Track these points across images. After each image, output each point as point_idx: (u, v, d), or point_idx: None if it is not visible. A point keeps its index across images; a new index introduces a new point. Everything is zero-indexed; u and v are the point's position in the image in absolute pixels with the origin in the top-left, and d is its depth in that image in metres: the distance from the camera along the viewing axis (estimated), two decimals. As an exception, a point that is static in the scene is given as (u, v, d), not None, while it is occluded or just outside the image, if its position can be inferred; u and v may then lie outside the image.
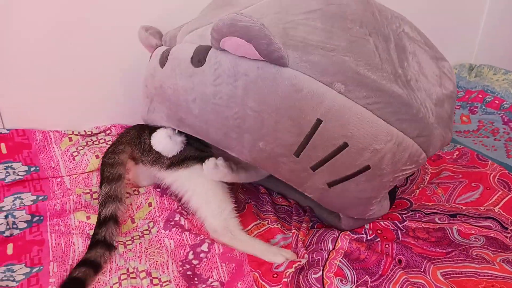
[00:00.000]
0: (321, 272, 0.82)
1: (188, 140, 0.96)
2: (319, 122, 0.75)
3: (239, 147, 0.82)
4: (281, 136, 0.77)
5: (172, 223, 0.96)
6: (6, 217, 0.92)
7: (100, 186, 0.95)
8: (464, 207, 1.01)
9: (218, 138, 0.83)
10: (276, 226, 0.98)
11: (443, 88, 0.90)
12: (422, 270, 0.82)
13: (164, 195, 1.04)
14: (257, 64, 0.74)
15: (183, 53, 0.85)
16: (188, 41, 0.88)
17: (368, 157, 0.78)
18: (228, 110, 0.79)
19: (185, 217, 0.98)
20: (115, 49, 1.18)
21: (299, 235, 0.92)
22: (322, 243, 0.92)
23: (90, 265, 0.82)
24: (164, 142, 0.93)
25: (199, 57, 0.81)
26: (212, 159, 0.92)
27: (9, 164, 1.09)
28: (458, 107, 1.54)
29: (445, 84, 0.91)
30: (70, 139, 1.18)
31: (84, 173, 1.12)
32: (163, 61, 0.89)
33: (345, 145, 0.77)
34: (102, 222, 0.89)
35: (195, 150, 0.96)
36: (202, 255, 0.88)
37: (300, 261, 0.83)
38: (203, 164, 0.93)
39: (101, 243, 0.86)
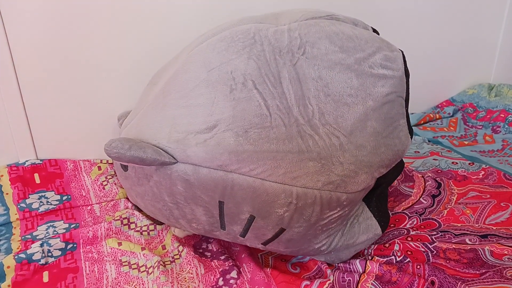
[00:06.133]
0: (353, 295, 0.82)
1: None
2: (221, 203, 0.77)
3: (182, 227, 0.89)
4: (202, 218, 0.82)
5: (200, 250, 0.98)
6: (41, 245, 0.94)
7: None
8: (494, 228, 1.00)
9: (165, 222, 0.92)
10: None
11: (370, 100, 0.77)
12: (456, 292, 0.81)
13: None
14: (154, 167, 0.79)
15: None
16: None
17: (276, 222, 0.78)
18: (158, 204, 0.85)
19: (211, 242, 1.00)
20: (145, 81, 1.23)
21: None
22: (350, 264, 0.91)
23: None
24: None
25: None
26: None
27: (43, 194, 1.12)
28: (481, 127, 1.53)
29: (372, 92, 0.77)
30: (99, 168, 1.22)
31: (113, 200, 1.15)
32: None
33: (252, 217, 0.78)
34: None
35: None
36: (232, 281, 0.89)
37: (329, 279, 0.84)
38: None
39: None
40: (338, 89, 0.76)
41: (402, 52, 0.83)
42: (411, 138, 0.86)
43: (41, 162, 1.18)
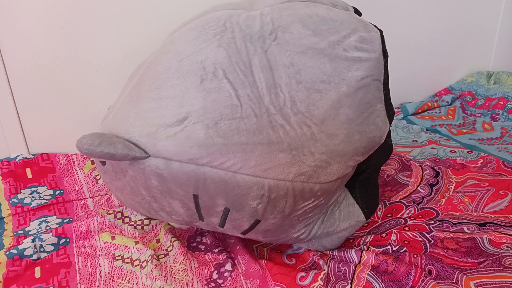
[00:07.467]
0: (349, 286, 0.81)
1: None
2: (196, 197, 0.75)
3: (164, 219, 0.88)
4: (180, 211, 0.80)
5: (194, 244, 0.97)
6: (33, 240, 0.93)
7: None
8: (493, 216, 0.98)
9: (146, 215, 0.91)
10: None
11: (343, 85, 0.73)
12: (454, 282, 0.79)
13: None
14: (128, 161, 0.77)
15: None
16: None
17: (250, 214, 0.76)
18: (136, 198, 0.83)
19: (206, 236, 0.99)
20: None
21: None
22: (345, 254, 0.90)
23: None
24: None
25: None
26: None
27: (35, 189, 1.11)
28: (479, 115, 1.51)
29: (346, 77, 0.73)
30: (93, 162, 1.20)
31: (107, 194, 1.14)
32: None
33: (227, 210, 0.76)
34: None
35: None
36: (226, 274, 0.88)
37: (324, 270, 0.82)
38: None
39: None
40: (310, 75, 0.73)
41: (381, 32, 0.78)
42: (391, 122, 0.82)
43: (33, 156, 1.17)
